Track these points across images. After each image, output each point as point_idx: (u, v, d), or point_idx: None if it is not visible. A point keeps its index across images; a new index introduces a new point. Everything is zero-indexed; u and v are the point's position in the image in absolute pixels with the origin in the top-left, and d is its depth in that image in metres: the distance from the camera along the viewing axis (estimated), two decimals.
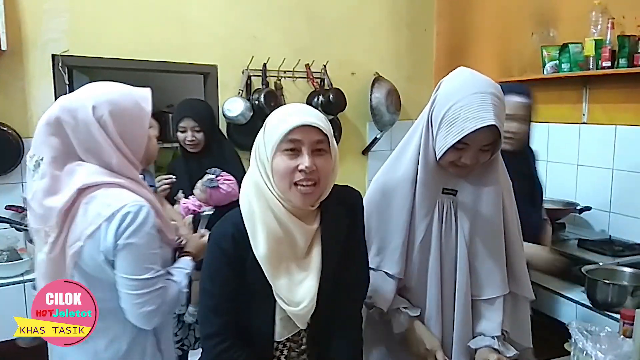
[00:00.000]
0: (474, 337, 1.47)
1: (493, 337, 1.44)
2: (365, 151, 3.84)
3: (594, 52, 2.58)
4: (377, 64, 3.76)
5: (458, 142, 1.31)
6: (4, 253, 2.28)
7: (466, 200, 1.45)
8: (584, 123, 2.82)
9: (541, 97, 3.09)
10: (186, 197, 2.26)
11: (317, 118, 1.18)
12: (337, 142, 3.62)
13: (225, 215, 1.28)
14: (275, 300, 1.21)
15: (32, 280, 2.24)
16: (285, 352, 1.28)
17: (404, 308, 1.46)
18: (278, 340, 1.25)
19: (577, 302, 2.10)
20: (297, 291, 1.20)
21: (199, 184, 2.25)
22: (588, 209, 2.72)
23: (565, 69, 2.76)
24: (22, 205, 2.63)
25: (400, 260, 1.45)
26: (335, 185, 1.27)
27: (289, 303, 1.20)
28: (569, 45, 2.71)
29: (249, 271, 1.20)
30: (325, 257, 1.24)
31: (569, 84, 2.83)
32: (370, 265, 1.42)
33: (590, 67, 2.61)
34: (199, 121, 2.35)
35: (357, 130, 3.78)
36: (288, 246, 1.21)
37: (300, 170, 1.15)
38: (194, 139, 2.35)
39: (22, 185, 2.71)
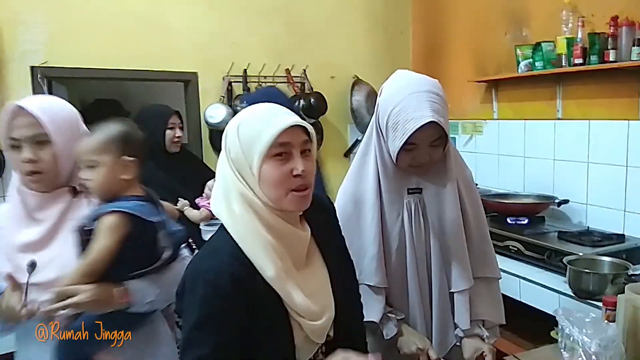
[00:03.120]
0: (455, 329, 1.51)
1: (475, 327, 1.49)
2: (347, 153, 3.88)
3: (566, 50, 2.66)
4: (356, 67, 3.82)
5: (407, 143, 1.34)
6: None
7: (431, 196, 1.48)
8: (558, 119, 2.90)
9: (516, 95, 3.19)
10: (190, 202, 2.30)
11: (296, 117, 1.10)
12: (320, 146, 3.69)
13: (208, 245, 1.12)
14: (290, 325, 1.09)
15: None
16: None
17: (390, 313, 1.48)
18: None
19: (559, 292, 2.17)
20: (312, 304, 1.10)
21: (210, 183, 2.27)
22: (566, 202, 2.81)
23: (539, 67, 2.84)
24: None
25: (378, 270, 1.45)
26: None
27: (310, 318, 1.10)
28: (542, 44, 2.80)
29: (260, 300, 1.06)
30: (329, 262, 1.19)
31: (543, 81, 2.92)
32: None
33: (563, 64, 2.70)
34: (181, 119, 2.45)
35: (338, 133, 3.82)
36: (291, 259, 1.11)
37: (296, 176, 1.06)
38: (181, 135, 2.43)
39: (4, 199, 2.67)
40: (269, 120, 1.06)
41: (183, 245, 1.50)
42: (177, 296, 1.11)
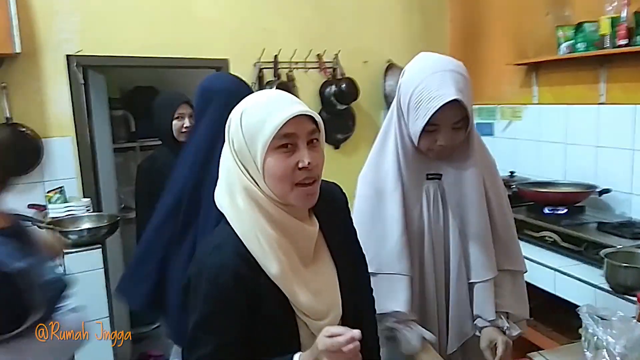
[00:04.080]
0: (474, 320, 1.46)
1: (497, 318, 1.44)
2: None
3: (609, 31, 2.51)
4: (390, 52, 3.73)
5: (429, 124, 1.31)
6: None
7: (451, 182, 1.44)
8: (602, 103, 2.74)
9: (557, 79, 3.04)
10: None
11: (303, 105, 1.03)
12: (351, 132, 3.64)
13: (211, 240, 1.07)
14: (296, 323, 1.06)
15: None
16: None
17: (413, 325, 1.40)
18: None
19: (595, 286, 2.07)
20: (318, 302, 1.06)
21: None
22: (608, 191, 2.66)
23: (580, 49, 2.69)
24: (44, 204, 2.70)
25: (402, 256, 1.40)
26: None
27: (315, 317, 1.06)
28: (584, 24, 2.65)
29: (264, 298, 1.02)
30: (337, 260, 1.14)
31: (585, 64, 2.76)
32: (370, 271, 1.37)
33: (607, 45, 2.54)
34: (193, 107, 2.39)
35: (370, 119, 3.75)
36: (297, 255, 1.06)
37: (301, 168, 1.01)
38: (190, 125, 2.33)
39: (43, 184, 2.78)
40: (273, 110, 1.00)
41: (65, 295, 1.23)
42: (182, 291, 1.08)
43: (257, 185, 1.03)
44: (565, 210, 2.66)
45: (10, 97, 2.66)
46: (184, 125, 2.35)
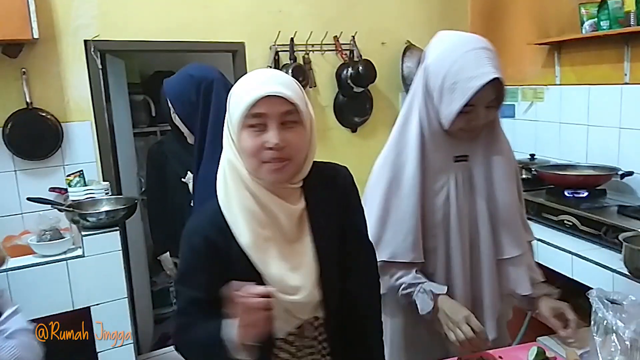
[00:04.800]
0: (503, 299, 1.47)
1: (545, 287, 1.48)
2: None
3: (634, 7, 2.42)
4: (409, 32, 3.66)
5: (464, 105, 1.28)
6: (47, 233, 2.39)
7: (479, 162, 1.42)
8: (626, 83, 2.65)
9: (580, 58, 2.95)
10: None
11: (283, 86, 1.05)
12: (369, 115, 3.61)
13: (200, 208, 1.19)
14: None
15: (75, 257, 2.37)
16: (292, 349, 1.18)
17: (426, 285, 1.40)
18: (278, 337, 1.15)
19: (614, 271, 2.02)
20: (291, 278, 1.10)
21: None
22: (630, 174, 2.58)
23: (604, 27, 2.60)
24: (65, 187, 2.76)
25: (416, 246, 1.40)
26: (318, 162, 1.17)
27: (284, 291, 1.09)
28: (608, 1, 2.55)
29: (234, 265, 1.08)
30: (318, 241, 1.15)
31: (609, 42, 2.67)
32: (383, 259, 1.39)
33: (632, 23, 2.45)
34: None
35: (389, 102, 3.71)
36: (274, 229, 1.10)
37: (268, 148, 1.04)
38: None
39: (63, 168, 2.83)
40: (250, 89, 1.06)
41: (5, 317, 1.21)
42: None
43: (240, 159, 1.10)
44: (586, 194, 2.60)
45: (30, 83, 2.70)
46: None
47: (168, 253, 2.73)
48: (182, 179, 2.41)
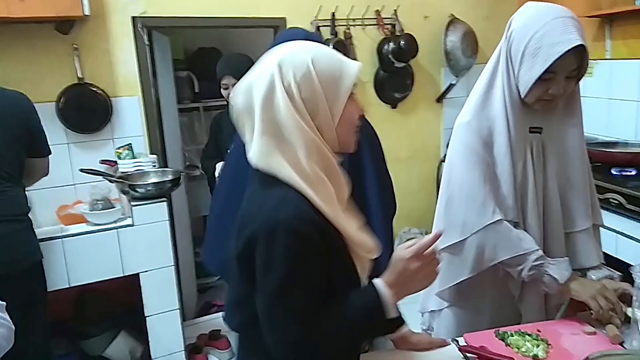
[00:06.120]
0: (575, 269, 1.46)
1: (606, 269, 1.48)
2: (440, 99, 3.73)
3: None
4: (452, 5, 3.60)
5: (545, 72, 1.29)
6: (99, 202, 2.50)
7: (552, 136, 1.45)
8: None
9: (634, 31, 2.83)
10: None
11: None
12: (409, 91, 3.59)
13: (269, 199, 1.01)
14: (354, 263, 1.08)
15: (125, 226, 2.48)
16: None
17: (553, 260, 1.41)
18: None
19: None
20: (366, 238, 1.11)
21: None
22: None
23: None
24: (115, 160, 2.88)
25: (516, 207, 1.43)
26: None
27: (367, 250, 1.10)
28: None
29: (334, 242, 1.04)
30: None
31: None
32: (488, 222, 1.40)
33: None
34: (239, 78, 2.40)
35: (430, 77, 3.67)
36: (339, 199, 1.07)
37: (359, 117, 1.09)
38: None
39: (113, 141, 2.95)
40: (341, 58, 1.06)
41: None
42: (238, 259, 1.05)
43: (322, 135, 1.03)
44: (635, 172, 2.54)
45: (81, 58, 2.80)
46: (229, 95, 2.41)
47: None
48: (228, 150, 2.46)
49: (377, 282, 1.04)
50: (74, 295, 2.77)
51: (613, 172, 2.57)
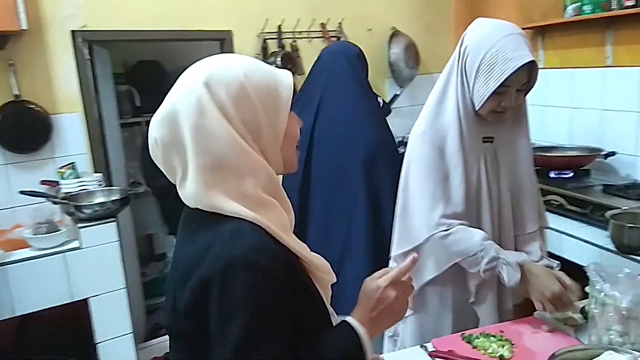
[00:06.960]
0: None
1: (546, 259, 1.58)
2: None
3: None
4: (395, 18, 3.70)
5: (500, 86, 1.37)
6: (42, 225, 2.37)
7: (504, 145, 1.54)
8: (608, 66, 2.74)
9: (563, 42, 3.03)
10: None
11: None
12: None
13: (221, 235, 0.86)
14: (318, 290, 0.98)
15: (73, 249, 2.36)
16: None
17: (508, 256, 1.46)
18: None
19: (601, 247, 2.11)
20: (319, 259, 1.01)
21: None
22: (613, 154, 2.68)
23: (587, 11, 2.68)
24: (56, 180, 2.74)
25: (468, 211, 1.49)
26: None
27: (325, 272, 1.00)
28: None
29: (296, 270, 0.93)
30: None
31: (592, 26, 2.75)
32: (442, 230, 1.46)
33: (613, 7, 2.53)
34: None
35: (376, 88, 3.72)
36: (291, 218, 0.99)
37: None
38: None
39: (54, 160, 2.81)
40: (272, 69, 0.96)
41: None
42: (191, 304, 0.85)
43: (267, 160, 0.94)
44: (571, 174, 2.69)
45: (18, 74, 2.67)
46: None
47: None
48: None
49: (352, 321, 0.94)
50: (15, 324, 2.60)
51: (552, 175, 2.72)
